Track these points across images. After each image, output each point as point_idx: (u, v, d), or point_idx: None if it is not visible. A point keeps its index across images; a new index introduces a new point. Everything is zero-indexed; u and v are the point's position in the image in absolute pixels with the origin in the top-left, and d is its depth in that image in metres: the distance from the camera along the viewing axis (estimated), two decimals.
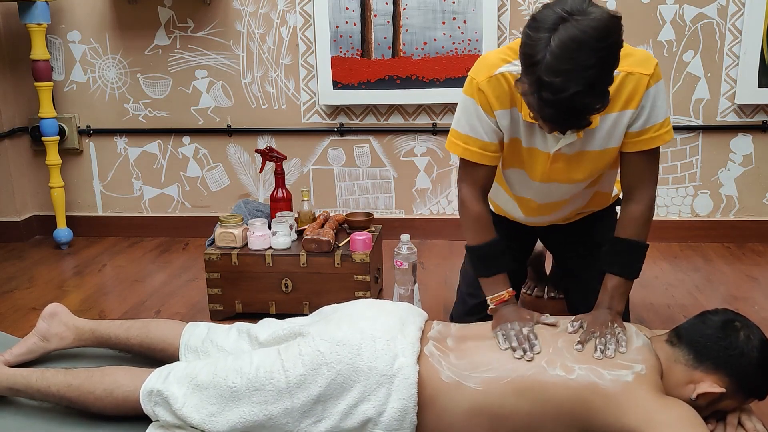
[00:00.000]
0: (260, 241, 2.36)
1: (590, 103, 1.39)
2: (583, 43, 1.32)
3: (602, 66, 1.36)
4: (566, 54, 1.33)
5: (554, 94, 1.35)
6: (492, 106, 1.65)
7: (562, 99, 1.35)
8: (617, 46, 1.38)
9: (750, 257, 2.94)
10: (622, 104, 1.61)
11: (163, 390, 1.61)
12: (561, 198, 1.83)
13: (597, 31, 1.33)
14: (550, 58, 1.34)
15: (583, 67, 1.33)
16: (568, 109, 1.38)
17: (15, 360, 1.89)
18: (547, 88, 1.36)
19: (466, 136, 1.71)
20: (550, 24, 1.34)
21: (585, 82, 1.34)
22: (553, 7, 1.36)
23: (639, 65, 1.59)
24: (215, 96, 3.22)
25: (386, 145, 3.19)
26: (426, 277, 2.73)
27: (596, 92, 1.38)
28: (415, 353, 1.56)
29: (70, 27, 3.21)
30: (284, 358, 1.56)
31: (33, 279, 2.87)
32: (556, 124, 1.44)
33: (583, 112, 1.40)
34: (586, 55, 1.33)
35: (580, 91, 1.34)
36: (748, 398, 1.52)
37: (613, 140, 1.66)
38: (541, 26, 1.35)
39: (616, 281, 1.73)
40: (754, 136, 3.02)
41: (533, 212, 1.92)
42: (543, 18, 1.36)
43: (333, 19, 3.01)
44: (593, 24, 1.33)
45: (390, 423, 1.50)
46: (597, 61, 1.34)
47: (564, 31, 1.33)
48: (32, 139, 3.32)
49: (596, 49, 1.33)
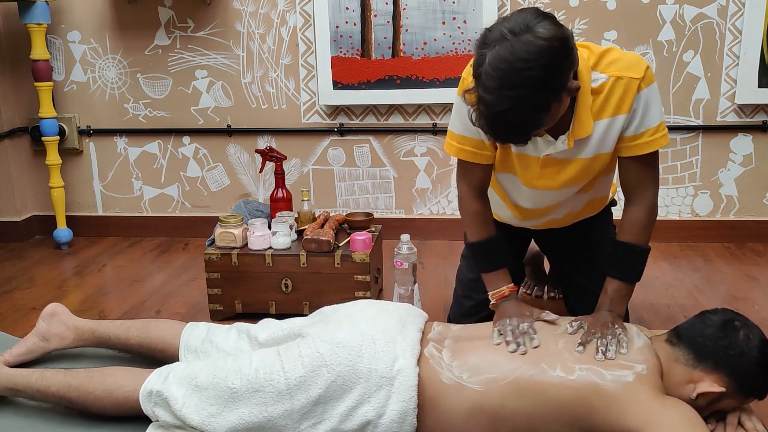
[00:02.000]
0: (260, 241, 2.36)
1: (520, 122, 1.40)
2: (510, 63, 1.35)
3: (530, 87, 1.36)
4: (495, 72, 1.36)
5: (487, 109, 1.39)
6: None
7: (492, 115, 1.39)
8: (549, 68, 1.37)
9: (750, 257, 2.94)
10: (612, 110, 1.60)
11: (163, 391, 1.61)
12: (553, 202, 1.83)
13: (527, 53, 1.34)
14: (483, 76, 1.38)
15: (508, 87, 1.36)
16: (499, 124, 1.41)
17: (15, 360, 1.89)
18: (481, 103, 1.40)
19: (460, 135, 1.73)
20: (491, 41, 1.38)
21: (511, 102, 1.36)
22: (501, 24, 1.40)
23: (628, 69, 1.58)
24: (215, 96, 3.22)
25: (386, 145, 3.19)
26: (426, 277, 2.73)
27: (525, 112, 1.39)
28: (415, 355, 1.56)
29: (70, 27, 3.21)
30: (284, 359, 1.56)
31: (33, 279, 2.87)
32: (492, 136, 1.47)
33: (518, 129, 1.43)
34: (512, 76, 1.35)
35: (508, 110, 1.37)
36: (748, 397, 1.52)
37: (605, 146, 1.65)
38: (485, 42, 1.40)
39: (616, 285, 1.72)
40: (754, 136, 3.02)
41: (526, 216, 1.92)
42: (489, 34, 1.40)
43: (333, 19, 3.01)
44: (525, 46, 1.35)
45: (390, 425, 1.50)
46: (523, 82, 1.35)
47: (498, 50, 1.36)
48: (32, 139, 3.32)
49: (521, 70, 1.35)
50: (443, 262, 2.91)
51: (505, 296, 1.76)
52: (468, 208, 1.80)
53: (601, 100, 1.58)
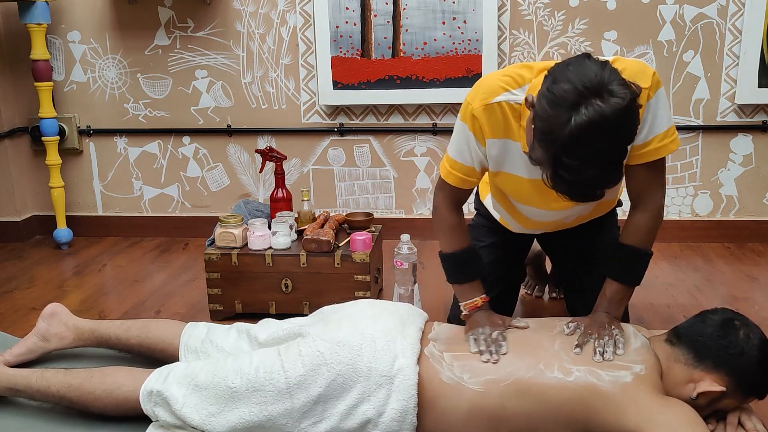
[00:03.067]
0: (260, 241, 2.36)
1: (606, 182, 1.38)
2: (605, 130, 1.29)
3: (621, 149, 1.35)
4: (586, 139, 1.29)
5: (571, 174, 1.34)
6: (484, 134, 1.63)
7: (579, 180, 1.35)
8: (635, 126, 1.36)
9: (750, 257, 2.94)
10: None
11: (163, 390, 1.61)
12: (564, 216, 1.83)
13: (618, 118, 1.29)
14: (569, 140, 1.30)
15: (603, 153, 1.32)
16: (584, 188, 1.38)
17: (15, 360, 1.89)
18: (564, 168, 1.34)
19: (453, 160, 1.71)
20: (570, 102, 1.30)
21: (603, 166, 1.33)
22: (573, 81, 1.31)
23: (635, 78, 1.51)
24: (215, 96, 3.22)
25: (386, 145, 3.19)
26: (426, 277, 2.73)
27: (612, 172, 1.37)
28: (415, 354, 1.56)
29: (70, 27, 3.21)
30: (284, 358, 1.56)
31: (33, 279, 2.87)
32: (571, 198, 1.42)
33: (602, 188, 1.40)
34: (607, 141, 1.30)
35: (596, 174, 1.34)
36: (748, 397, 1.52)
37: None
38: (561, 103, 1.31)
39: (615, 287, 1.72)
40: (754, 136, 3.02)
41: (536, 227, 1.92)
42: (562, 94, 1.31)
43: (333, 19, 3.01)
44: (615, 110, 1.29)
45: (390, 424, 1.50)
46: (617, 146, 1.33)
47: (585, 114, 1.29)
48: (32, 139, 3.32)
49: (617, 135, 1.32)
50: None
51: (478, 307, 1.76)
52: (444, 220, 1.78)
53: None
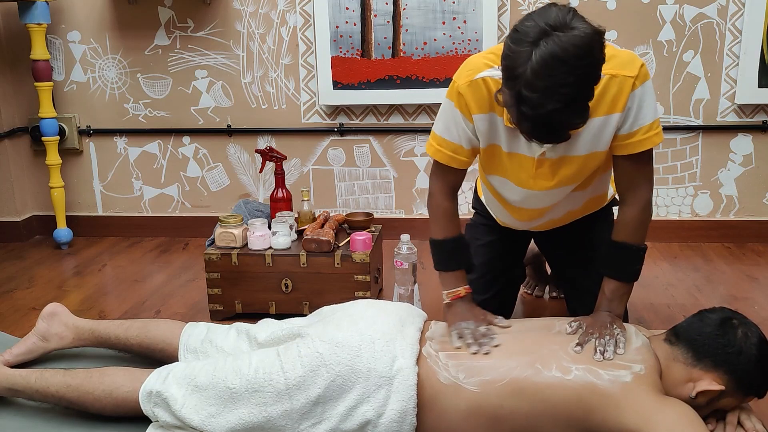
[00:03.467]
0: (260, 241, 2.36)
1: (568, 119, 1.38)
2: (563, 60, 1.30)
3: (581, 84, 1.35)
4: (545, 71, 1.31)
5: (532, 109, 1.35)
6: (470, 110, 1.64)
7: (540, 114, 1.35)
8: (598, 63, 1.36)
9: (750, 257, 2.94)
10: (606, 108, 1.58)
11: (163, 391, 1.61)
12: (550, 203, 1.82)
13: (578, 48, 1.31)
14: (529, 74, 1.32)
15: (561, 85, 1.32)
16: (545, 124, 1.38)
17: (14, 360, 1.89)
18: (525, 103, 1.35)
19: (440, 137, 1.73)
20: (532, 38, 1.32)
21: (563, 100, 1.33)
22: (536, 20, 1.34)
23: (623, 67, 1.56)
24: (215, 96, 3.22)
25: (386, 145, 3.19)
26: (426, 277, 2.73)
27: (574, 109, 1.37)
28: (414, 354, 1.56)
29: (70, 27, 3.21)
30: (283, 359, 1.56)
31: (33, 279, 2.87)
32: (535, 137, 1.44)
33: (561, 127, 1.40)
34: (565, 73, 1.31)
35: (557, 109, 1.34)
36: (747, 396, 1.52)
37: (600, 144, 1.64)
38: (523, 39, 1.34)
39: (613, 285, 1.72)
40: (754, 136, 3.02)
41: (525, 216, 1.91)
42: (525, 30, 1.34)
43: (333, 19, 3.01)
44: (575, 41, 1.31)
45: (389, 425, 1.50)
46: (576, 79, 1.33)
47: (545, 46, 1.31)
48: (32, 139, 3.32)
49: (576, 67, 1.32)
50: None
51: (461, 297, 1.78)
52: (437, 206, 1.81)
53: (595, 98, 1.55)
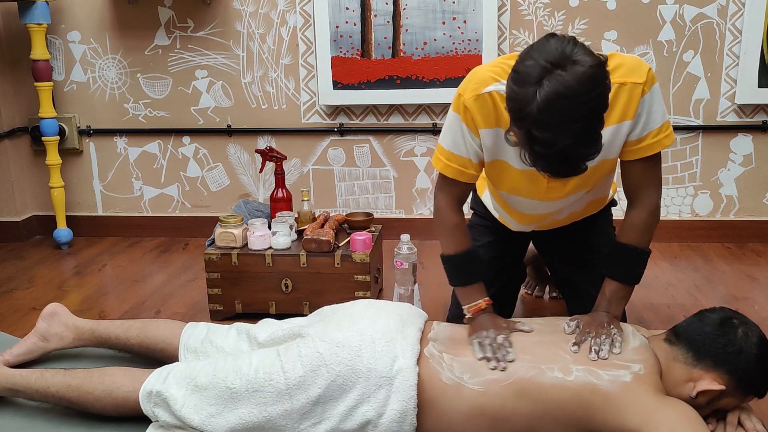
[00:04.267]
0: (260, 241, 2.36)
1: (582, 152, 1.38)
2: (569, 98, 1.30)
3: (591, 116, 1.34)
4: (553, 109, 1.31)
5: (545, 148, 1.35)
6: (477, 125, 1.62)
7: (554, 152, 1.35)
8: (603, 94, 1.36)
9: (750, 257, 2.94)
10: (618, 116, 1.58)
11: (163, 391, 1.61)
12: (557, 208, 1.82)
13: (582, 84, 1.30)
14: (537, 114, 1.32)
15: (571, 121, 1.32)
16: (560, 161, 1.38)
17: (14, 360, 1.89)
18: (538, 143, 1.35)
19: (449, 152, 1.70)
20: (534, 78, 1.32)
21: (574, 135, 1.33)
22: (536, 57, 1.33)
23: (631, 74, 1.55)
24: (215, 96, 3.22)
25: (386, 145, 3.19)
26: (426, 277, 2.73)
27: (587, 142, 1.37)
28: (414, 355, 1.56)
29: (70, 27, 3.21)
30: (283, 359, 1.56)
31: (33, 279, 2.87)
32: (552, 173, 1.43)
33: (577, 161, 1.40)
34: (573, 109, 1.31)
35: (570, 144, 1.34)
36: (747, 395, 1.52)
37: (611, 152, 1.64)
38: (526, 80, 1.33)
39: (614, 286, 1.72)
40: (754, 136, 3.02)
41: (529, 221, 1.91)
42: (526, 71, 1.34)
43: (333, 19, 3.01)
44: (578, 78, 1.30)
45: (390, 425, 1.50)
46: (584, 113, 1.33)
47: (548, 86, 1.31)
48: (32, 139, 3.32)
49: (583, 102, 1.31)
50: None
51: (482, 309, 1.74)
52: (446, 221, 1.77)
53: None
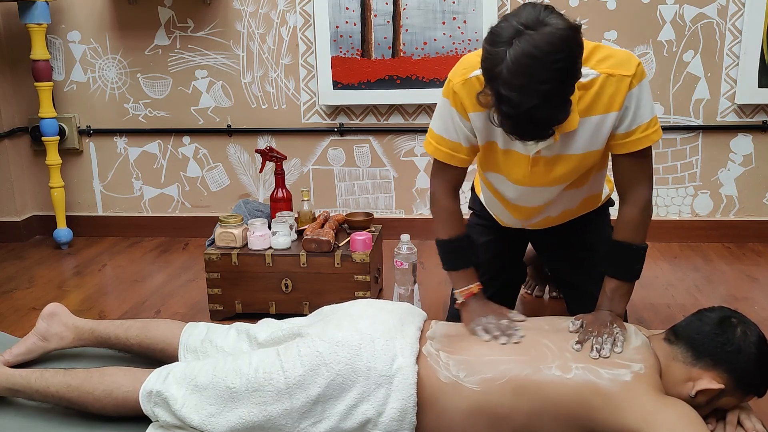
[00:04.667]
0: (260, 241, 2.36)
1: (549, 115, 1.40)
2: (536, 58, 1.32)
3: (558, 79, 1.36)
4: (520, 69, 1.33)
5: (512, 108, 1.37)
6: (466, 108, 1.64)
7: (520, 113, 1.37)
8: (573, 58, 1.37)
9: (750, 257, 2.94)
10: (604, 107, 1.58)
11: (163, 391, 1.61)
12: (546, 200, 1.82)
13: (551, 45, 1.32)
14: (506, 73, 1.34)
15: (537, 82, 1.34)
16: (526, 121, 1.39)
17: (14, 360, 1.89)
18: (505, 102, 1.37)
19: (439, 136, 1.73)
20: (506, 38, 1.35)
21: (541, 96, 1.35)
22: (510, 20, 1.37)
23: (619, 66, 1.57)
24: (215, 96, 3.22)
25: (386, 145, 3.19)
26: (426, 277, 2.73)
27: (554, 105, 1.38)
28: (414, 353, 1.56)
29: (70, 27, 3.21)
30: (283, 359, 1.56)
31: (33, 279, 2.87)
32: (518, 135, 1.45)
33: (543, 124, 1.41)
34: (539, 70, 1.33)
35: (536, 105, 1.35)
36: (747, 395, 1.52)
37: (596, 143, 1.64)
38: (498, 40, 1.36)
39: (614, 284, 1.73)
40: (754, 136, 3.02)
41: (522, 214, 1.92)
42: (499, 31, 1.37)
43: (333, 19, 3.01)
44: (547, 38, 1.33)
45: (389, 423, 1.51)
46: (552, 75, 1.34)
47: (518, 45, 1.33)
48: (32, 139, 3.32)
49: (550, 62, 1.33)
50: None
51: (474, 294, 1.78)
52: (440, 206, 1.81)
53: (590, 97, 1.57)
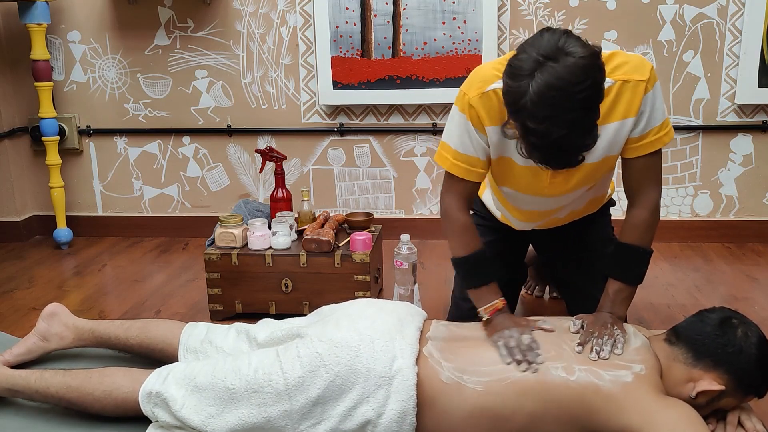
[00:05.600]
0: (260, 241, 2.36)
1: (577, 143, 1.40)
2: (561, 89, 1.33)
3: (584, 107, 1.36)
4: (546, 101, 1.33)
5: (540, 139, 1.38)
6: (483, 122, 1.63)
7: (548, 143, 1.38)
8: (597, 84, 1.38)
9: (750, 257, 2.94)
10: (621, 113, 1.59)
11: (162, 391, 1.61)
12: (558, 206, 1.83)
13: (573, 75, 1.33)
14: (530, 106, 1.35)
15: (564, 111, 1.34)
16: (555, 150, 1.40)
17: (14, 360, 1.89)
18: (533, 134, 1.38)
19: (455, 151, 1.69)
20: (527, 71, 1.35)
21: (568, 125, 1.35)
22: (530, 51, 1.37)
23: (634, 72, 1.58)
24: (215, 96, 3.22)
25: (386, 145, 3.19)
26: (426, 277, 2.73)
27: (582, 132, 1.39)
28: (413, 354, 1.55)
29: (70, 27, 3.21)
30: (282, 360, 1.56)
31: (33, 279, 2.87)
32: (548, 165, 1.45)
33: (572, 151, 1.42)
34: (565, 100, 1.33)
35: (564, 135, 1.36)
36: (747, 395, 1.52)
37: (614, 149, 1.65)
38: (519, 73, 1.36)
39: (617, 286, 1.72)
40: (754, 136, 3.02)
41: (530, 218, 1.92)
42: (519, 65, 1.37)
43: (333, 19, 3.01)
44: (569, 70, 1.33)
45: (389, 425, 1.50)
46: (577, 104, 1.35)
47: (540, 78, 1.33)
48: (32, 139, 3.32)
49: (575, 92, 1.33)
50: (443, 262, 2.91)
51: (499, 309, 1.71)
52: (454, 222, 1.75)
53: (608, 104, 1.57)
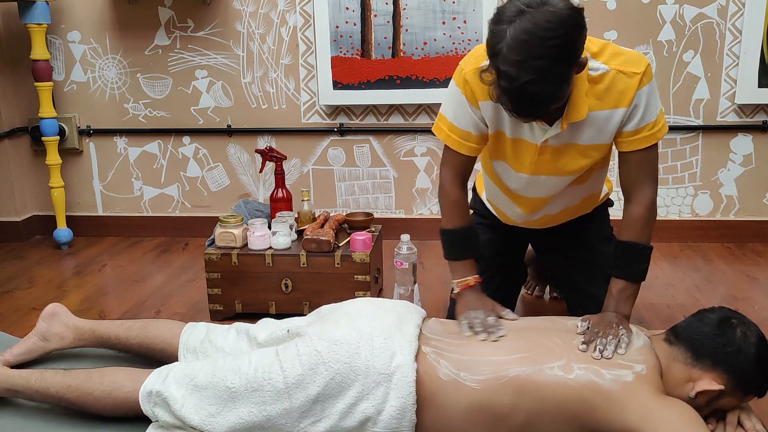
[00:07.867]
0: (260, 241, 2.36)
1: (544, 92, 1.42)
2: (534, 34, 1.37)
3: (553, 56, 1.39)
4: (519, 45, 1.38)
5: (508, 82, 1.41)
6: (476, 97, 1.68)
7: (515, 87, 1.41)
8: (571, 37, 1.41)
9: (750, 257, 2.94)
10: (613, 102, 1.62)
11: (162, 391, 1.61)
12: (550, 192, 1.84)
13: (549, 23, 1.37)
14: (505, 49, 1.40)
15: (534, 57, 1.38)
16: (521, 97, 1.43)
17: (15, 360, 1.89)
18: (503, 77, 1.42)
19: (450, 123, 1.76)
20: (509, 16, 1.40)
21: (536, 72, 1.38)
22: (515, 1, 1.42)
23: (630, 64, 1.61)
24: (215, 96, 3.22)
25: (386, 145, 3.19)
26: (426, 277, 2.73)
27: (549, 82, 1.41)
28: (412, 351, 1.56)
29: (70, 27, 3.21)
30: (282, 358, 1.56)
31: (33, 279, 2.87)
32: (515, 111, 1.48)
33: (538, 101, 1.44)
34: (537, 46, 1.37)
35: (531, 80, 1.39)
36: (747, 395, 1.52)
37: (603, 137, 1.68)
38: (502, 18, 1.42)
39: (620, 284, 1.73)
40: (754, 136, 3.02)
41: (524, 207, 1.93)
42: (504, 11, 1.43)
43: (333, 19, 3.01)
44: (546, 16, 1.38)
45: (389, 422, 1.51)
46: (548, 51, 1.38)
47: (519, 23, 1.39)
48: (32, 139, 3.32)
49: (547, 38, 1.37)
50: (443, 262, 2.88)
51: (470, 286, 1.81)
52: (448, 195, 1.83)
53: (600, 91, 1.61)
